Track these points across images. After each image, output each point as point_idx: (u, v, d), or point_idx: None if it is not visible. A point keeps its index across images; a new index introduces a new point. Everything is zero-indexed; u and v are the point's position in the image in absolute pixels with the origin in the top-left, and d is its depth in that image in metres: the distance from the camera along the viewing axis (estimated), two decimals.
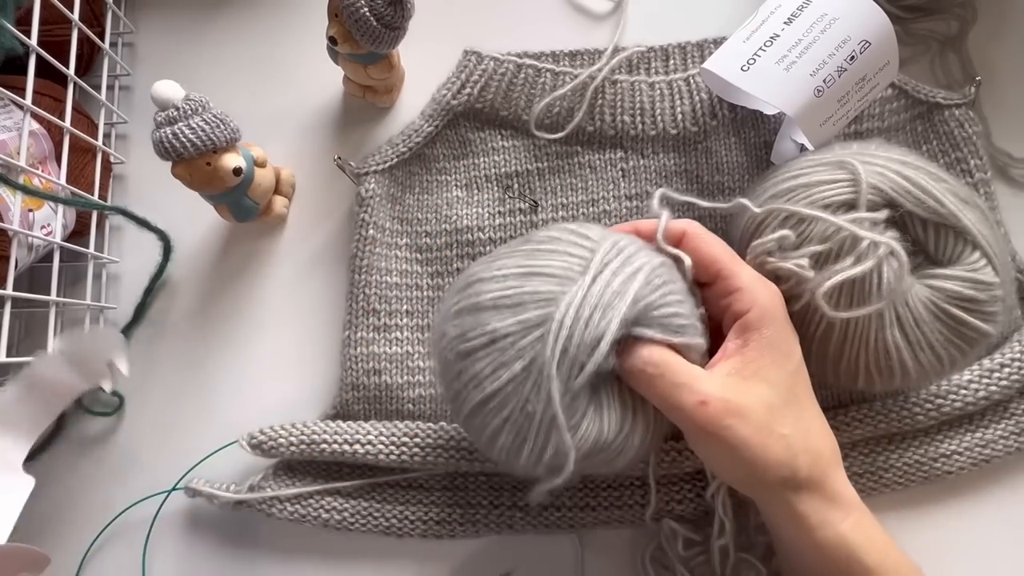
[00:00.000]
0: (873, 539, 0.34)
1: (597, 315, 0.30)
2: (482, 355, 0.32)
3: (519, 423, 0.31)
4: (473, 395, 0.32)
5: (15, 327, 0.48)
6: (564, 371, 0.30)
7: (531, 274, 0.33)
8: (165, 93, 0.41)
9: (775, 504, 0.34)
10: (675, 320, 0.33)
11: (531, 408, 0.31)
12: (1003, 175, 0.48)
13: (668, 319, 0.33)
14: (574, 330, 0.30)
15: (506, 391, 0.31)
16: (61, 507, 0.48)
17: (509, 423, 0.31)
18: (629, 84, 0.48)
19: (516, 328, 0.31)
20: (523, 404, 0.31)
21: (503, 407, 0.32)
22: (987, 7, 0.50)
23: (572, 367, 0.30)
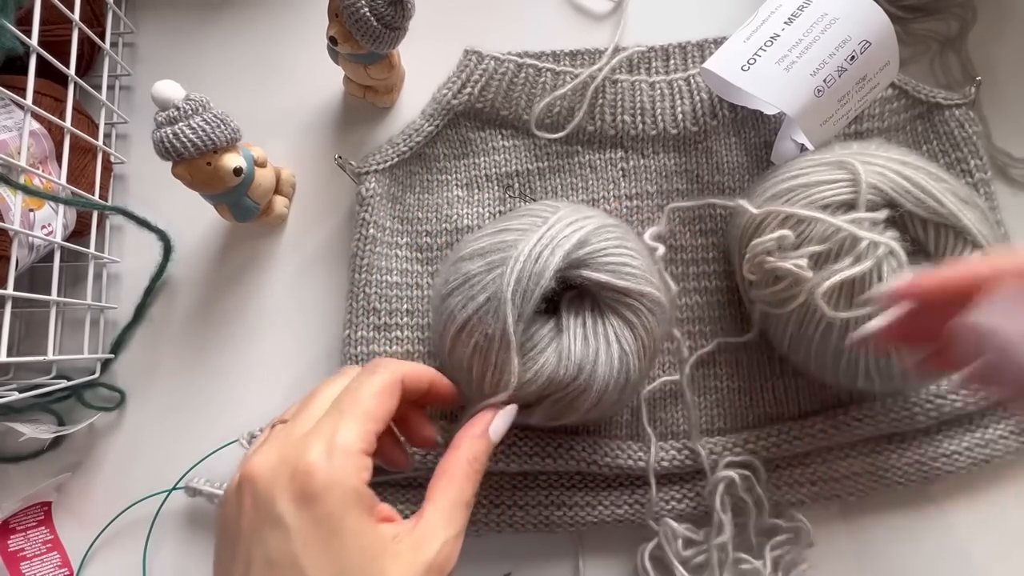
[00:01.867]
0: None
1: (546, 252, 0.36)
2: (456, 293, 0.38)
3: (484, 348, 0.36)
4: (450, 328, 0.38)
5: (15, 327, 0.48)
6: (518, 299, 0.36)
7: (503, 231, 0.39)
8: (165, 93, 0.41)
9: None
10: (623, 268, 0.37)
11: (491, 331, 0.36)
12: (1003, 175, 0.48)
13: (617, 266, 0.37)
14: (527, 264, 0.36)
15: (473, 320, 0.37)
16: (61, 506, 0.48)
17: (477, 350, 0.37)
18: (629, 84, 0.48)
19: (483, 268, 0.37)
20: (487, 330, 0.36)
21: (472, 334, 0.37)
22: (987, 7, 0.50)
23: (524, 295, 0.36)
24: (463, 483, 0.31)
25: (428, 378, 0.35)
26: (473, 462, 0.32)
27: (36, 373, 0.48)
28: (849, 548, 0.44)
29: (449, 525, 0.30)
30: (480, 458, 0.33)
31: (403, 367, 0.33)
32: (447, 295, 0.38)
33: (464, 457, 0.32)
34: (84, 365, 0.49)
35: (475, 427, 0.34)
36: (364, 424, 0.30)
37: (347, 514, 0.27)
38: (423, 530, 0.29)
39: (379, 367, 0.33)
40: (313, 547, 0.27)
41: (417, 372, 0.34)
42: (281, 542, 0.27)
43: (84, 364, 0.48)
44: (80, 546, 0.47)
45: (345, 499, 0.28)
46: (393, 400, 0.32)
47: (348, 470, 0.28)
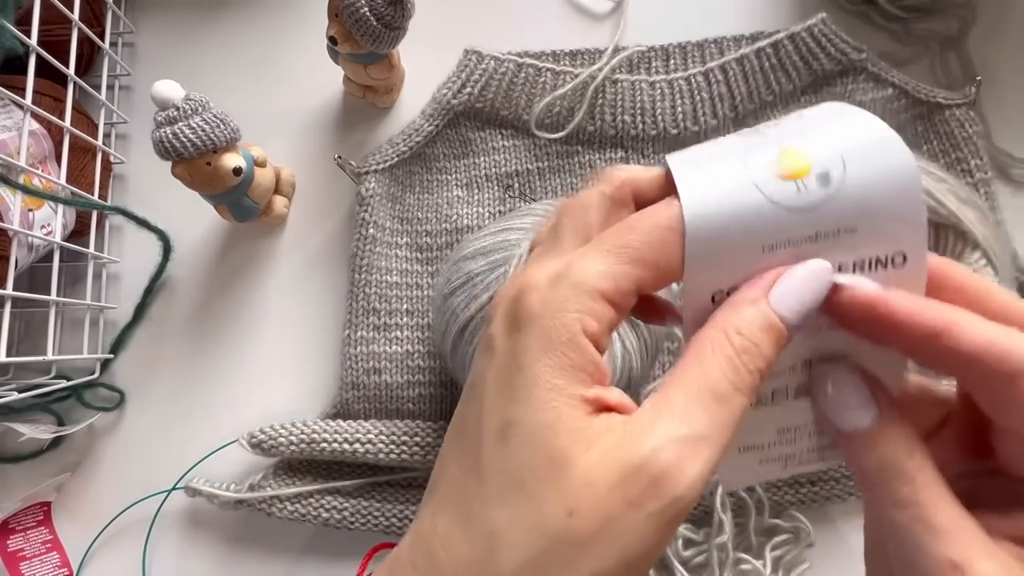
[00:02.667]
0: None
1: None
2: (459, 292, 0.38)
3: None
4: (452, 327, 0.37)
5: (15, 327, 0.48)
6: None
7: (505, 230, 0.38)
8: (165, 93, 0.41)
9: None
10: None
11: None
12: (1003, 175, 0.48)
13: None
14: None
15: (476, 319, 0.36)
16: (61, 506, 0.48)
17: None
18: (630, 84, 0.48)
19: (485, 267, 0.37)
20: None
21: (474, 334, 0.36)
22: (987, 7, 0.50)
23: None
24: (713, 363, 0.19)
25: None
26: (735, 336, 0.19)
27: (36, 373, 0.48)
28: (849, 548, 0.44)
29: (683, 420, 0.19)
30: (747, 331, 0.19)
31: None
32: (449, 294, 0.38)
33: (719, 327, 0.20)
34: (84, 365, 0.48)
35: (746, 290, 0.20)
36: (619, 264, 0.20)
37: (540, 360, 0.20)
38: (639, 419, 0.19)
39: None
40: (497, 382, 0.20)
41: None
42: (481, 365, 0.21)
43: (84, 364, 0.48)
44: (80, 546, 0.47)
45: (545, 339, 0.20)
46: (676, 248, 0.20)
47: (567, 306, 0.20)
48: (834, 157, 0.20)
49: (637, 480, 0.18)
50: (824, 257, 0.20)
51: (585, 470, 0.18)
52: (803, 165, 0.20)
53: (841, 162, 0.20)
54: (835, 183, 0.20)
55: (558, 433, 0.19)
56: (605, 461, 0.18)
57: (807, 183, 0.20)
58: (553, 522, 0.18)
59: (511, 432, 0.19)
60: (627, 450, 0.18)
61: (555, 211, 0.24)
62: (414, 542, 0.20)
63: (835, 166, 0.20)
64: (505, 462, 0.19)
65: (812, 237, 0.20)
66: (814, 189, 0.20)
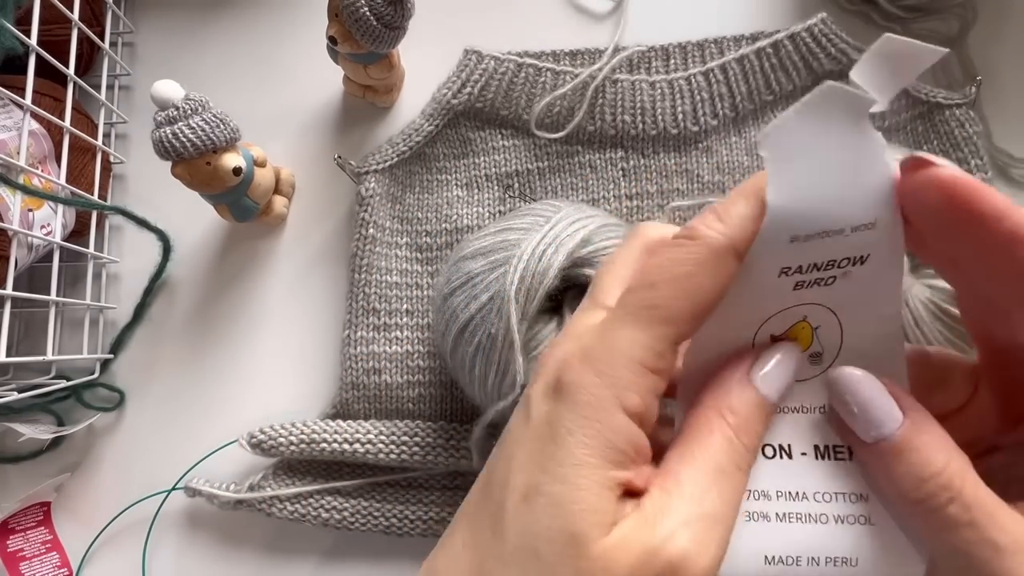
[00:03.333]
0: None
1: (550, 251, 0.36)
2: (459, 292, 0.38)
3: (487, 348, 0.36)
4: (452, 328, 0.38)
5: (14, 327, 0.48)
6: (521, 298, 0.35)
7: (505, 230, 0.39)
8: (165, 93, 0.41)
9: None
10: None
11: (494, 331, 0.36)
12: (1003, 175, 0.48)
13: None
14: (530, 263, 0.35)
15: (476, 319, 0.37)
16: (61, 507, 0.48)
17: (480, 350, 0.36)
18: (630, 83, 0.48)
19: (485, 267, 0.37)
20: (490, 330, 0.36)
21: (475, 334, 0.37)
22: (987, 7, 0.50)
23: (528, 294, 0.35)
24: (714, 443, 0.20)
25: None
26: (729, 416, 0.20)
27: (35, 373, 0.48)
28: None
29: (695, 500, 0.19)
30: (741, 410, 0.20)
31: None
32: (449, 294, 0.38)
33: (714, 409, 0.20)
34: (83, 365, 0.48)
35: (731, 371, 0.21)
36: (651, 327, 0.19)
37: (575, 434, 0.19)
38: (653, 502, 0.19)
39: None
40: (530, 447, 0.20)
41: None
42: (517, 424, 0.21)
43: (83, 364, 0.48)
44: (79, 546, 0.47)
45: (583, 414, 0.19)
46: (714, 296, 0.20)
47: (606, 381, 0.19)
48: (834, 340, 0.21)
49: (654, 564, 0.18)
50: (813, 432, 0.21)
51: (603, 553, 0.18)
52: (802, 343, 0.21)
53: (838, 346, 0.21)
54: (824, 364, 0.21)
55: (582, 511, 0.18)
56: (624, 545, 0.18)
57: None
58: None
59: (535, 499, 0.19)
60: (644, 534, 0.18)
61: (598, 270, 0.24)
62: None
63: (831, 349, 0.21)
64: (525, 526, 0.19)
65: (798, 409, 0.21)
66: (803, 367, 0.21)
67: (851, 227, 0.19)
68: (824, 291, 0.20)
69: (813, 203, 0.19)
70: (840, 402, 0.20)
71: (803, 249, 0.19)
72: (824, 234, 0.19)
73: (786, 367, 0.21)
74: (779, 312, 0.21)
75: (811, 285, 0.20)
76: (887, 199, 0.19)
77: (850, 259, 0.20)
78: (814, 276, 0.20)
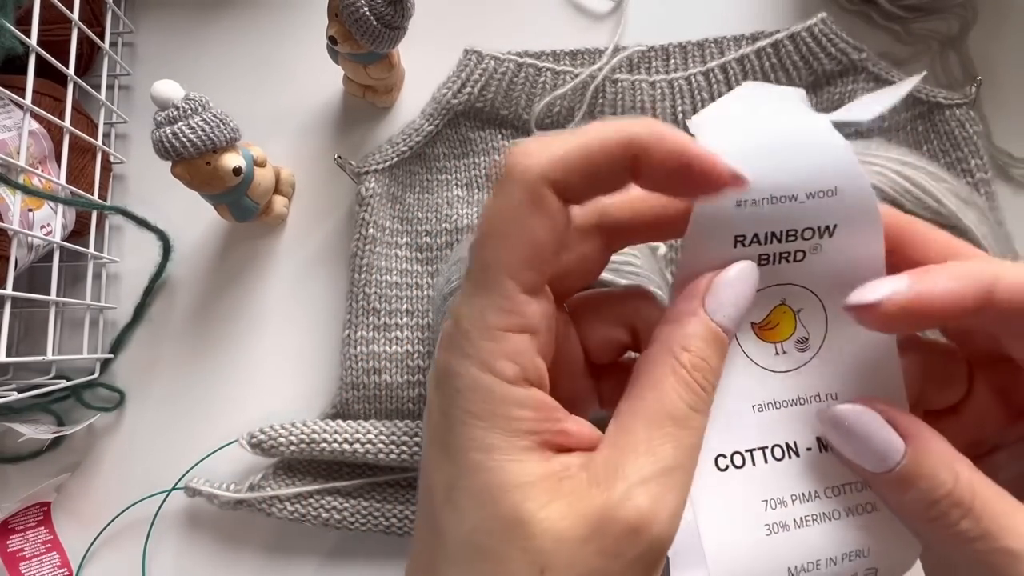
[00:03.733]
0: None
1: None
2: (459, 292, 0.35)
3: None
4: None
5: (14, 327, 0.48)
6: None
7: None
8: (165, 93, 0.41)
9: None
10: (625, 267, 0.36)
11: None
12: (1003, 175, 0.48)
13: (619, 264, 0.36)
14: None
15: None
16: (61, 507, 0.48)
17: None
18: (630, 83, 0.48)
19: None
20: None
21: None
22: (987, 7, 0.50)
23: None
24: (668, 387, 0.18)
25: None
26: (683, 353, 0.18)
27: (35, 373, 0.48)
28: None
29: (649, 454, 0.17)
30: (693, 346, 0.18)
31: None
32: (449, 294, 0.38)
33: (665, 346, 0.19)
34: (83, 365, 0.48)
35: (683, 302, 0.19)
36: (492, 289, 0.18)
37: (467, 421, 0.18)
38: (602, 460, 0.18)
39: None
40: (434, 441, 0.19)
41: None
42: (425, 414, 0.20)
43: (83, 364, 0.48)
44: (79, 546, 0.47)
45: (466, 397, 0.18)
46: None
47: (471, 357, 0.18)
48: (819, 323, 0.20)
49: (612, 529, 0.16)
50: (814, 424, 0.20)
51: (550, 526, 0.17)
52: (785, 329, 0.21)
53: (824, 328, 0.20)
54: (812, 349, 0.21)
55: (505, 492, 0.17)
56: (572, 513, 0.17)
57: (785, 347, 0.20)
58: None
59: (456, 496, 0.18)
60: (594, 498, 0.17)
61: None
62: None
63: (816, 331, 0.20)
64: (458, 525, 0.18)
65: (795, 401, 0.21)
66: (792, 354, 0.20)
67: (806, 193, 0.19)
68: (795, 268, 0.20)
69: (754, 167, 0.18)
70: (839, 441, 0.20)
71: (754, 216, 0.19)
72: (774, 199, 0.19)
73: (739, 289, 0.19)
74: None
75: (779, 260, 0.20)
76: (847, 168, 0.19)
77: (814, 229, 0.19)
78: (778, 249, 0.20)
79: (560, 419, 0.18)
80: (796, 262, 0.20)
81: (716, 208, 0.19)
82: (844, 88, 0.47)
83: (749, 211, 0.19)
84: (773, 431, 0.20)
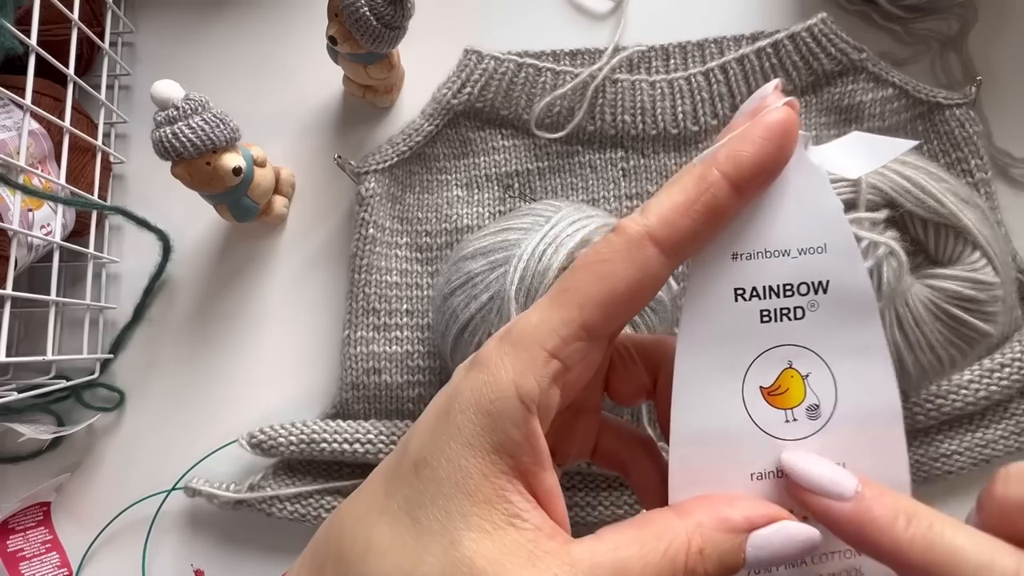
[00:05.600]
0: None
1: (549, 251, 0.36)
2: (459, 292, 0.38)
3: None
4: (452, 327, 0.38)
5: (14, 327, 0.48)
6: (521, 297, 0.35)
7: (505, 230, 0.39)
8: (165, 93, 0.41)
9: None
10: None
11: (494, 331, 0.35)
12: (1003, 175, 0.48)
13: None
14: (530, 263, 0.35)
15: (476, 319, 0.37)
16: (60, 507, 0.48)
17: None
18: (630, 83, 0.48)
19: (486, 267, 0.37)
20: (490, 330, 0.36)
21: (475, 334, 0.37)
22: (987, 7, 0.50)
23: (528, 293, 0.35)
24: (659, 562, 0.18)
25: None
26: (694, 553, 0.19)
27: (35, 373, 0.47)
28: None
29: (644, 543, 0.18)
30: (708, 554, 0.19)
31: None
32: (449, 294, 0.38)
33: (686, 533, 0.19)
34: (83, 365, 0.48)
35: (741, 507, 0.20)
36: (559, 310, 0.19)
37: (467, 412, 0.19)
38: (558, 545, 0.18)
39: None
40: (434, 412, 0.20)
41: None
42: (438, 393, 0.21)
43: (83, 364, 0.48)
44: (79, 546, 0.47)
45: (479, 392, 0.19)
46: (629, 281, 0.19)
47: (504, 362, 0.19)
48: (828, 389, 0.20)
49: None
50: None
51: (472, 557, 0.18)
52: (795, 395, 0.21)
53: (834, 395, 0.20)
54: (823, 417, 0.21)
55: (460, 493, 0.18)
56: (497, 563, 0.18)
57: (796, 414, 0.20)
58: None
59: (423, 470, 0.19)
60: (523, 573, 0.17)
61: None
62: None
63: (827, 398, 0.20)
64: (410, 491, 0.19)
65: None
66: (803, 422, 0.20)
67: (798, 249, 0.19)
68: (797, 327, 0.20)
69: (750, 221, 0.19)
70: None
71: (749, 268, 0.19)
72: (767, 253, 0.19)
73: (790, 548, 0.19)
74: (759, 355, 0.20)
75: (780, 318, 0.20)
76: (837, 225, 0.19)
77: (809, 285, 0.20)
78: (777, 305, 0.20)
79: (543, 461, 0.19)
80: (797, 320, 0.20)
81: (712, 261, 0.20)
82: (844, 88, 0.47)
83: (744, 264, 0.20)
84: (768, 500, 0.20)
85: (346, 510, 0.21)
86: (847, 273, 0.20)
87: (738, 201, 0.19)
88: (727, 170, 0.19)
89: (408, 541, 0.18)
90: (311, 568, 0.21)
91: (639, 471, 0.24)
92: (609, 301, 0.19)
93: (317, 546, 0.21)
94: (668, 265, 0.19)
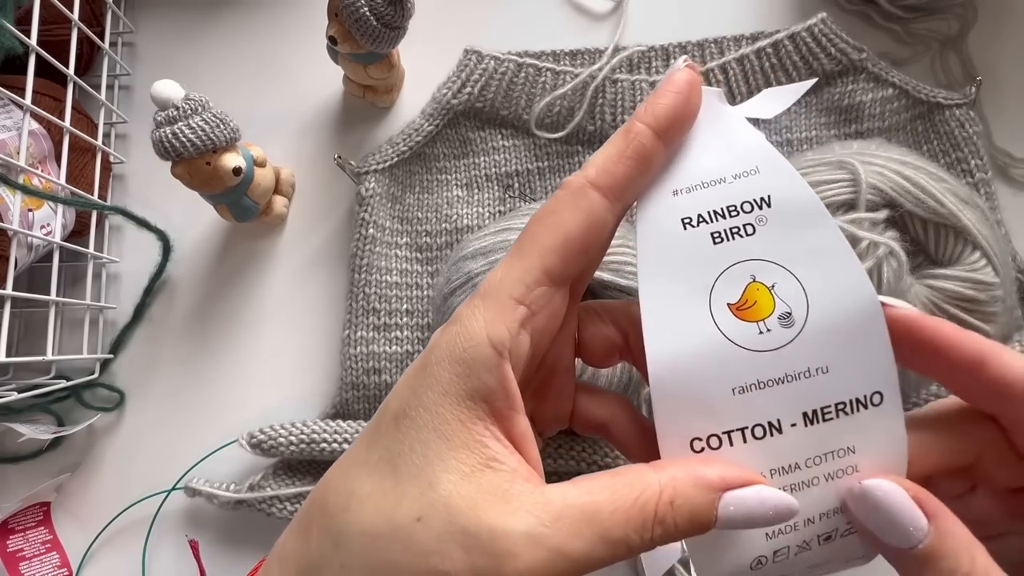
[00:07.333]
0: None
1: None
2: (459, 292, 0.37)
3: None
4: None
5: (14, 327, 0.48)
6: None
7: (505, 230, 0.39)
8: (165, 93, 0.41)
9: None
10: (626, 267, 0.37)
11: None
12: (1003, 175, 0.48)
13: (619, 265, 0.37)
14: None
15: None
16: (60, 507, 0.48)
17: None
18: (630, 83, 0.48)
19: (485, 267, 0.37)
20: None
21: None
22: (987, 7, 0.50)
23: None
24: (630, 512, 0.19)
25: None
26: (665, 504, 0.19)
27: (35, 373, 0.48)
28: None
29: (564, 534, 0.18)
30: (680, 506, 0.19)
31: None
32: (449, 294, 0.38)
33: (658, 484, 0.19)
34: (83, 365, 0.48)
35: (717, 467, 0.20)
36: (521, 259, 0.21)
37: (443, 363, 0.20)
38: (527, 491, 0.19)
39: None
40: (415, 368, 0.21)
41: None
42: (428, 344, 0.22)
43: (83, 364, 0.48)
44: (79, 546, 0.47)
45: (451, 342, 0.20)
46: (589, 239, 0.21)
47: (476, 313, 0.20)
48: (797, 295, 0.21)
49: (483, 544, 0.18)
50: (800, 399, 0.20)
51: (449, 496, 0.18)
52: (764, 307, 0.21)
53: (804, 300, 0.21)
54: (797, 324, 0.21)
55: (438, 438, 0.19)
56: (473, 501, 0.18)
57: (769, 325, 0.21)
58: (400, 517, 0.18)
59: (401, 420, 0.20)
60: (497, 511, 0.18)
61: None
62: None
63: (798, 305, 0.21)
64: (390, 441, 0.20)
65: (783, 379, 0.20)
66: (776, 331, 0.20)
67: (732, 175, 0.21)
68: (751, 242, 0.21)
69: (682, 162, 0.22)
70: (863, 513, 0.20)
71: (690, 200, 0.21)
72: (704, 184, 0.21)
73: (763, 513, 0.19)
74: (720, 275, 0.21)
75: (731, 236, 0.21)
76: (765, 152, 0.21)
77: (751, 202, 0.21)
78: (726, 225, 0.21)
79: (515, 407, 0.20)
80: (749, 236, 0.21)
81: (655, 200, 0.21)
82: (844, 88, 0.47)
83: (685, 197, 0.21)
84: (755, 411, 0.20)
85: (330, 471, 0.21)
86: (786, 186, 0.21)
87: (661, 145, 0.21)
88: (648, 120, 0.21)
89: (388, 488, 0.19)
90: (299, 529, 0.22)
91: (619, 427, 0.25)
92: (564, 247, 0.21)
93: (304, 508, 0.22)
94: (612, 210, 0.21)
